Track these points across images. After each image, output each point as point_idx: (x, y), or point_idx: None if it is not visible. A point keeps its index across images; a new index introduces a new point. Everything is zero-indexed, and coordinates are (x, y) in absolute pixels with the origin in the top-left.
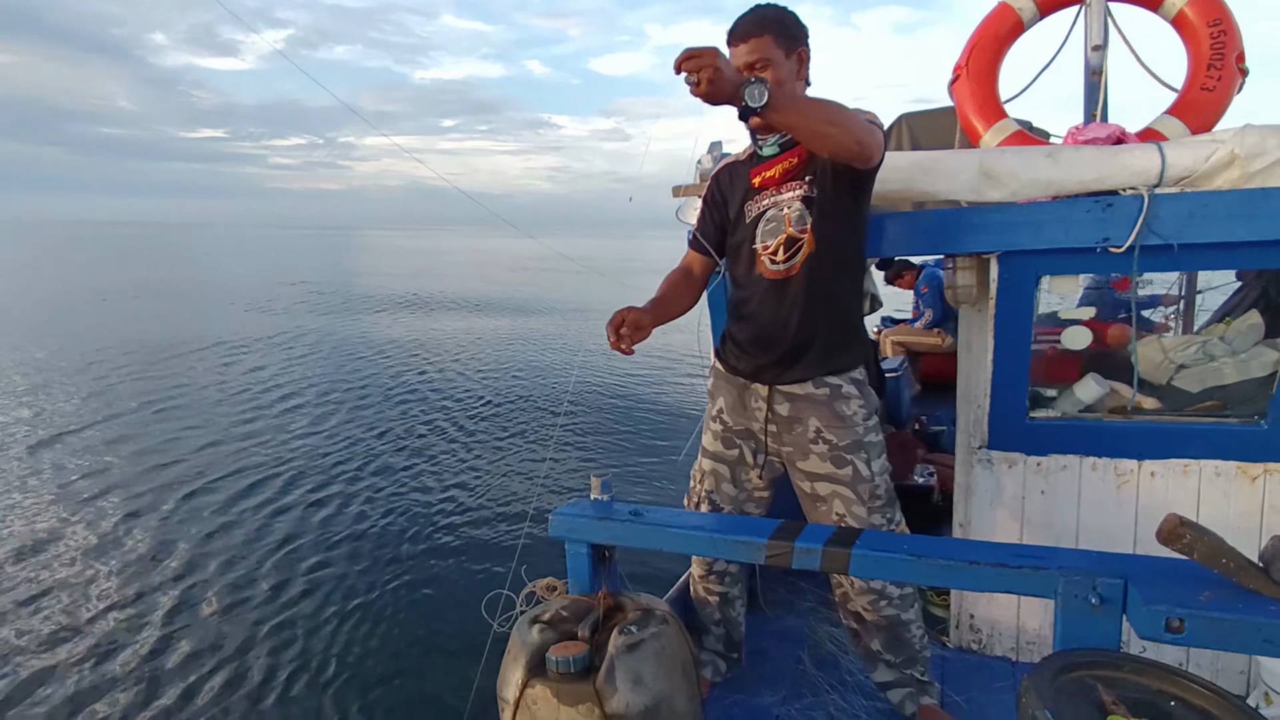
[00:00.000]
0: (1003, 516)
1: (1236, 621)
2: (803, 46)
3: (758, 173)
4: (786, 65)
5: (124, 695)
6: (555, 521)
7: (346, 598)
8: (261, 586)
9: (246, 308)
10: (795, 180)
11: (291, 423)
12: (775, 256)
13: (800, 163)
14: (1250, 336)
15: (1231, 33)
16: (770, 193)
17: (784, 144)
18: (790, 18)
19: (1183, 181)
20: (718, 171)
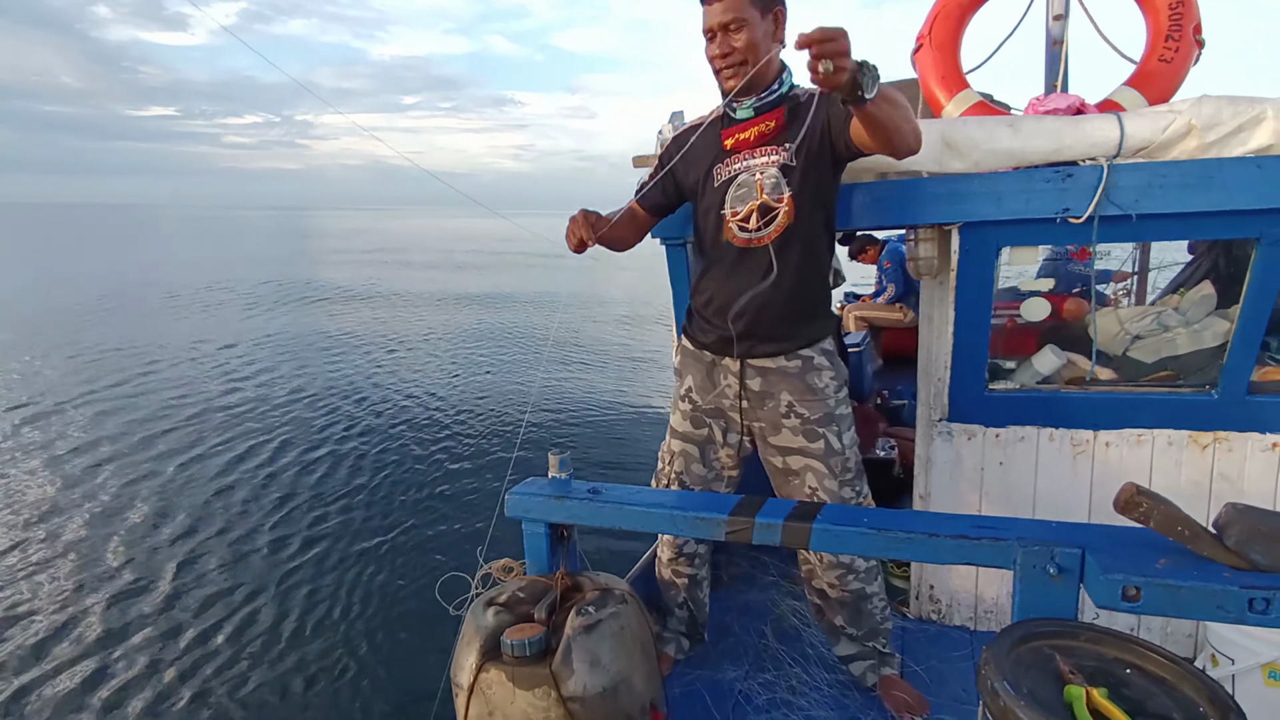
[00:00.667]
0: (962, 488)
1: (1192, 589)
2: (779, 5)
3: (730, 134)
4: (762, 25)
5: (61, 694)
6: (512, 501)
7: (300, 586)
8: (209, 579)
9: (198, 304)
10: (771, 145)
11: (241, 409)
12: (746, 224)
13: (778, 127)
14: (1203, 307)
15: (1189, 4)
16: (743, 156)
17: (759, 107)
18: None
19: (1141, 152)
20: (679, 134)
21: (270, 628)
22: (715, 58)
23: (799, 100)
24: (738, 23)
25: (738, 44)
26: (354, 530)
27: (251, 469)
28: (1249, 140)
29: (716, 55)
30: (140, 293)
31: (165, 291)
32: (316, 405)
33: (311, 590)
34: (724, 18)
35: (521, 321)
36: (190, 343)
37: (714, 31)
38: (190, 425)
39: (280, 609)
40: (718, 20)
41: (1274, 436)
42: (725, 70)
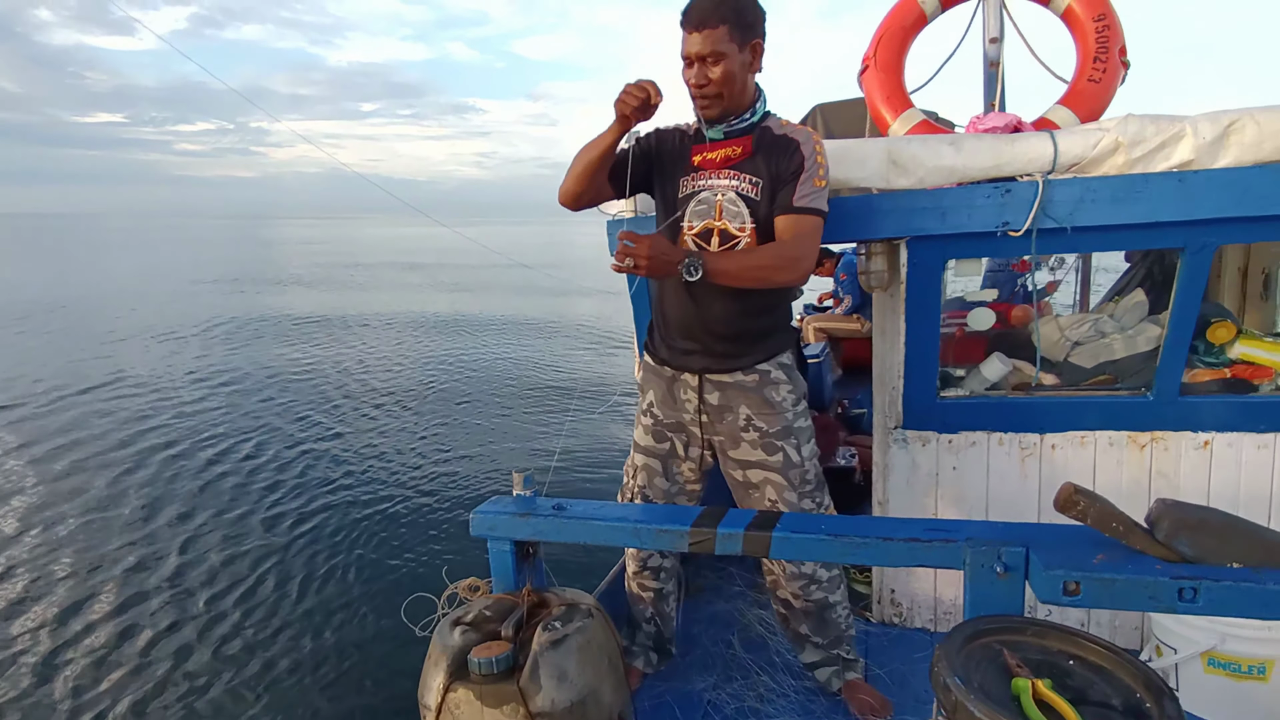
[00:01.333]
0: (918, 493)
1: (1126, 581)
2: (758, 37)
3: (699, 151)
4: (739, 58)
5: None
6: (476, 520)
7: (262, 611)
8: (168, 605)
9: (150, 328)
10: (735, 170)
11: (200, 426)
12: (706, 245)
13: (744, 154)
14: (1136, 314)
15: (1114, 28)
16: (707, 175)
17: (729, 132)
18: (749, 5)
19: (1074, 168)
20: (664, 130)
21: (232, 655)
22: (692, 85)
23: (772, 132)
24: (716, 56)
25: (714, 76)
26: (317, 554)
27: (208, 493)
28: (1171, 156)
29: (693, 84)
30: (80, 305)
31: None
32: (274, 426)
33: (274, 616)
34: (703, 49)
35: (481, 340)
36: (140, 356)
37: (692, 60)
38: (144, 444)
39: (242, 635)
40: (696, 51)
41: (1205, 435)
42: (701, 100)
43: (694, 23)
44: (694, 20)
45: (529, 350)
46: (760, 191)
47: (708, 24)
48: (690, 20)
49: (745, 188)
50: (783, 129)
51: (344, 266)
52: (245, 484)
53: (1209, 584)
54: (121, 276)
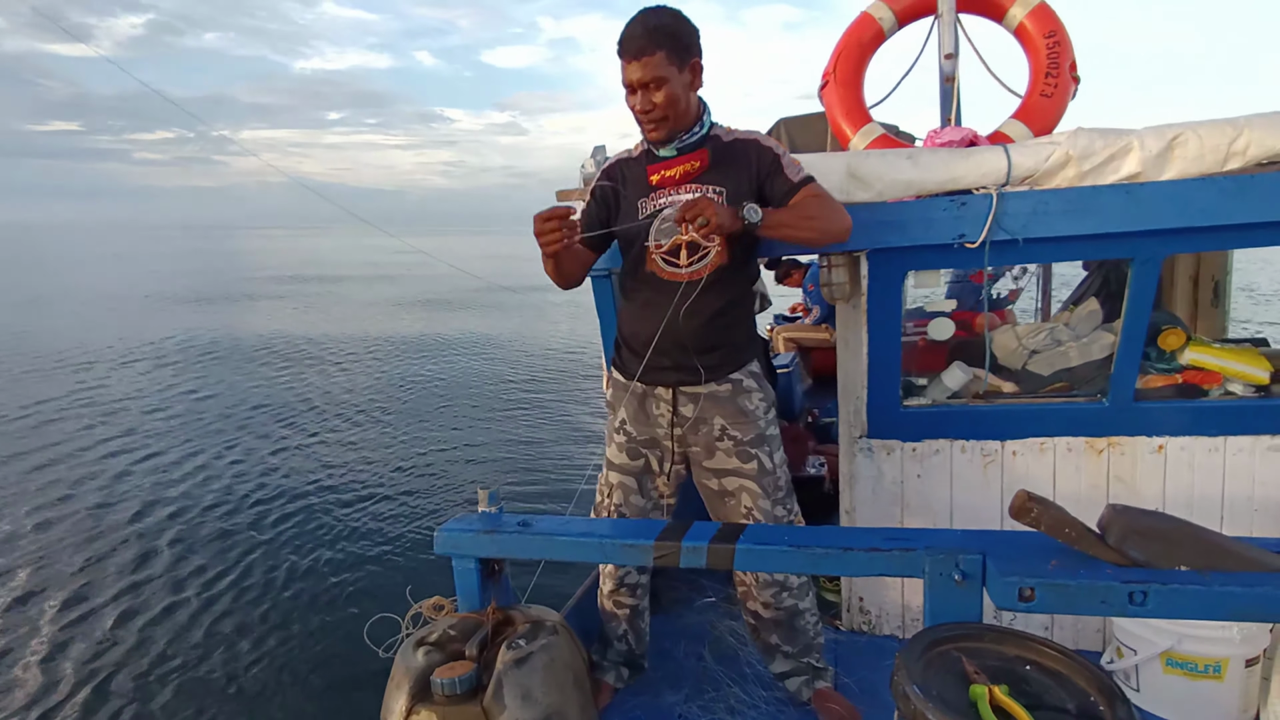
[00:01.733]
0: (884, 501)
1: (1079, 586)
2: (695, 57)
3: (656, 170)
4: (679, 80)
5: None
6: (441, 538)
7: (222, 634)
8: (122, 623)
9: (103, 344)
10: (697, 183)
11: (157, 446)
12: (674, 258)
13: (703, 167)
14: (1090, 322)
15: (1065, 44)
16: (668, 192)
17: (682, 148)
18: (683, 28)
19: (1027, 180)
20: (609, 166)
21: (189, 679)
22: (637, 111)
23: (721, 141)
24: (657, 81)
25: (658, 100)
26: (276, 574)
27: (162, 514)
28: (1120, 169)
29: (638, 110)
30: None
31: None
32: (231, 444)
33: (232, 638)
34: (644, 76)
35: (444, 355)
36: (92, 374)
37: (634, 87)
38: (97, 462)
39: (198, 658)
40: (637, 78)
41: (1159, 439)
42: (647, 124)
43: (632, 52)
44: (631, 50)
45: (492, 365)
46: (725, 199)
47: (645, 52)
48: (628, 50)
49: (710, 198)
50: (731, 135)
51: (305, 279)
52: (200, 503)
53: (1158, 587)
54: (77, 290)
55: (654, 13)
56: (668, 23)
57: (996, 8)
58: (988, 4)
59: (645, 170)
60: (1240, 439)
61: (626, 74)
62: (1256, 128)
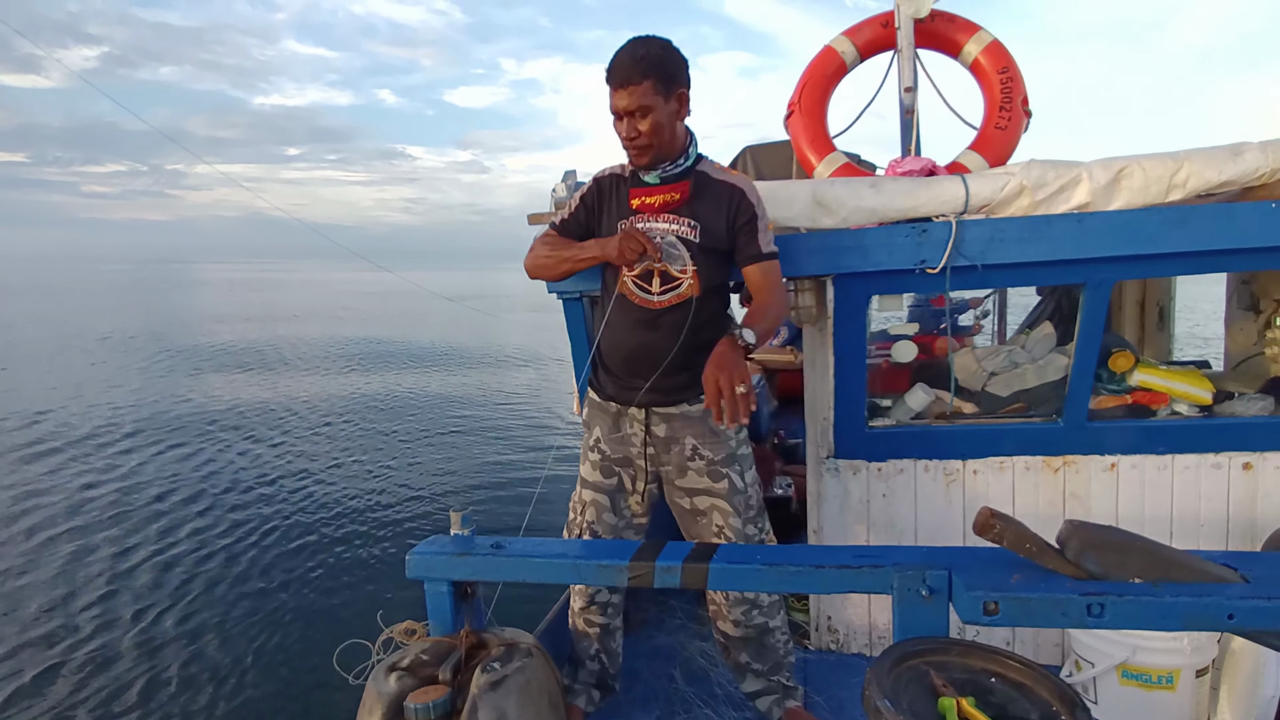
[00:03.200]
0: (851, 520)
1: (1040, 599)
2: (682, 87)
3: (638, 195)
4: (666, 109)
5: None
6: (413, 561)
7: (188, 662)
8: (88, 645)
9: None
10: (675, 214)
11: (120, 474)
12: (646, 285)
13: (683, 199)
14: (1045, 345)
15: (1017, 79)
16: (646, 218)
17: (665, 177)
18: (670, 58)
19: (984, 209)
20: (602, 176)
21: (153, 709)
22: (623, 138)
23: (708, 176)
24: (643, 109)
25: (643, 129)
26: (245, 600)
27: (126, 541)
28: (1071, 198)
29: (624, 137)
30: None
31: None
32: (195, 472)
33: (198, 665)
34: (630, 104)
35: (413, 381)
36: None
37: (620, 114)
38: (60, 491)
39: (164, 686)
40: (624, 106)
41: (1112, 458)
42: (632, 150)
43: (618, 80)
44: (618, 78)
45: (462, 389)
46: (699, 234)
47: (631, 80)
48: (615, 78)
49: (684, 231)
50: (720, 174)
51: (265, 311)
52: (164, 533)
53: (1114, 599)
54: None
55: (643, 42)
56: (655, 52)
57: (953, 44)
58: (945, 40)
59: (629, 192)
60: (1187, 457)
61: (614, 101)
62: (1196, 161)
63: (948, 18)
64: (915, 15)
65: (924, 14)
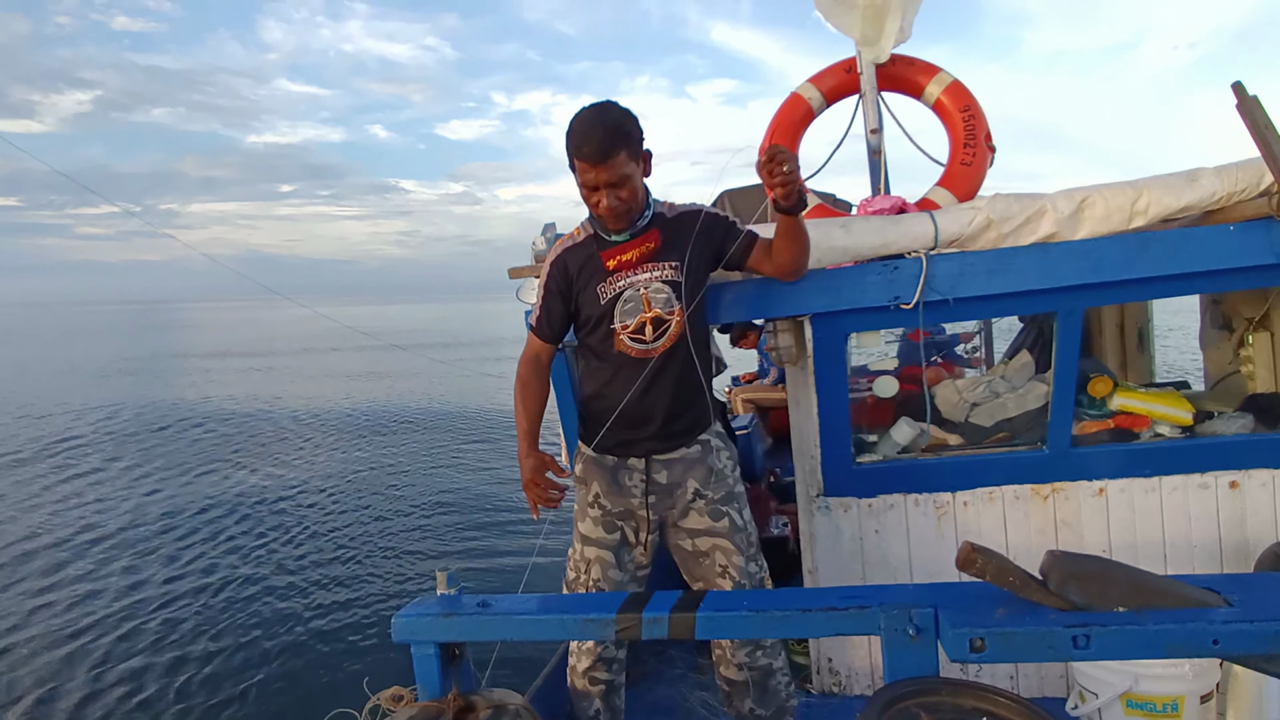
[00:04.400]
0: (844, 558)
1: (1025, 634)
2: (645, 149)
3: (610, 255)
4: (638, 172)
5: None
6: (399, 625)
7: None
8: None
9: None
10: (653, 263)
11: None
12: (640, 336)
13: (657, 248)
14: (1024, 373)
15: (979, 117)
16: (625, 274)
17: (634, 232)
18: (633, 125)
19: (954, 244)
20: (555, 258)
21: None
22: (604, 209)
23: (666, 218)
24: (622, 180)
25: (623, 196)
26: (226, 669)
27: (102, 599)
28: (1037, 230)
29: (605, 207)
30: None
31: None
32: (173, 532)
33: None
34: (611, 178)
35: (395, 436)
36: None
37: (598, 187)
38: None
39: None
40: (604, 179)
41: (1099, 483)
42: (611, 219)
43: (594, 157)
44: (594, 155)
45: (444, 443)
46: (680, 271)
47: (609, 155)
48: (590, 155)
49: (667, 274)
50: (674, 211)
51: (253, 353)
52: (145, 595)
53: (1098, 630)
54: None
55: (603, 111)
56: (620, 121)
57: (914, 85)
58: (907, 83)
59: (598, 255)
60: (1173, 478)
61: (591, 176)
62: (1154, 189)
63: (908, 61)
64: (876, 60)
65: (884, 59)
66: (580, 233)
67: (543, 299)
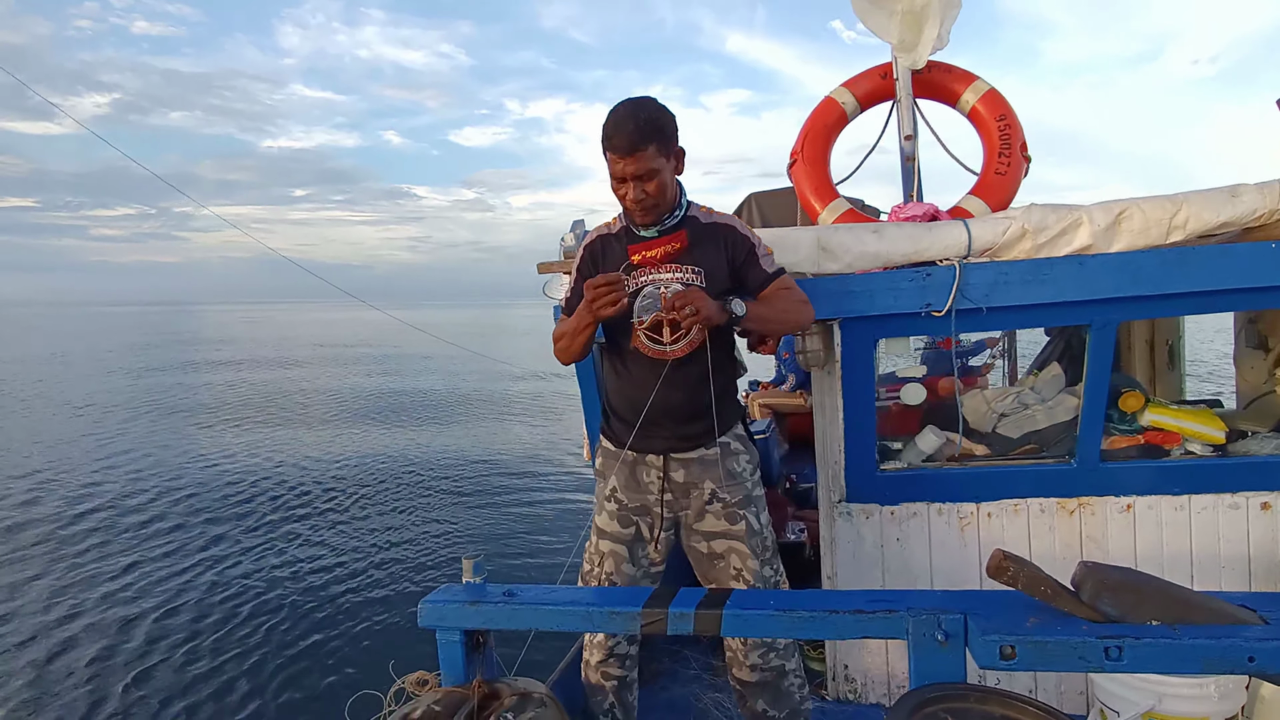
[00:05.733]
0: (865, 565)
1: (1057, 643)
2: (678, 145)
3: (636, 250)
4: (668, 168)
5: None
6: (425, 610)
7: (197, 714)
8: (88, 689)
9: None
10: (677, 263)
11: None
12: (657, 336)
13: (683, 248)
14: (1054, 386)
15: (1015, 126)
16: (648, 271)
17: (663, 230)
18: (667, 119)
19: (987, 252)
20: (590, 242)
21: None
22: (630, 201)
23: (699, 222)
24: (650, 173)
25: (650, 191)
26: (255, 653)
27: (133, 590)
28: (1072, 241)
29: (631, 199)
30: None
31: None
32: (201, 520)
33: (208, 716)
34: (638, 170)
35: (422, 426)
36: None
37: (626, 178)
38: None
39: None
40: (632, 172)
41: (1127, 499)
42: (639, 212)
43: (624, 149)
44: (624, 146)
45: (471, 435)
46: (705, 279)
47: (638, 147)
48: (619, 147)
49: (689, 278)
50: (710, 217)
51: (273, 353)
52: (173, 580)
53: (1131, 642)
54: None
55: (639, 105)
56: (655, 116)
57: (950, 93)
58: (942, 90)
59: (626, 249)
60: (1203, 497)
61: (620, 168)
62: (1194, 203)
63: (945, 68)
64: (912, 67)
65: (921, 65)
66: (616, 223)
67: (574, 280)
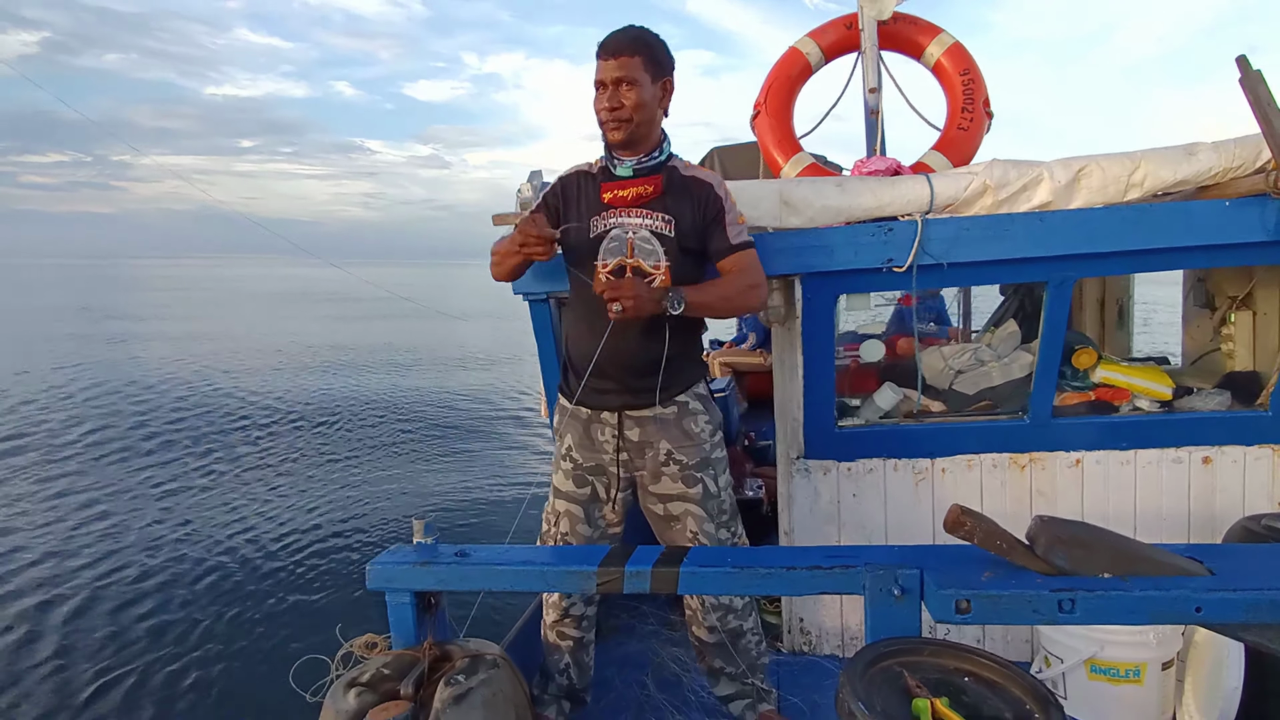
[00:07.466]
0: (822, 521)
1: (1011, 596)
2: (668, 77)
3: (610, 189)
4: (651, 89)
5: None
6: (374, 571)
7: (133, 679)
8: (32, 661)
9: None
10: (647, 209)
11: (62, 483)
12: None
13: (655, 192)
14: (1010, 343)
15: (978, 81)
16: (618, 213)
17: (639, 169)
18: (661, 46)
19: (948, 208)
20: (566, 177)
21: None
22: (603, 109)
23: (678, 172)
24: (630, 81)
25: (627, 101)
26: (193, 616)
27: (66, 552)
28: (1033, 197)
29: (605, 107)
30: None
31: None
32: (146, 481)
33: (146, 686)
34: (618, 74)
35: (369, 381)
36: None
37: (606, 85)
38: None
39: (111, 703)
40: (612, 75)
41: (1076, 454)
42: (611, 123)
43: (610, 51)
44: (611, 49)
45: (418, 393)
46: (673, 229)
47: (624, 52)
48: (607, 49)
49: (659, 225)
50: (689, 171)
51: (214, 306)
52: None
53: (1084, 594)
54: None
55: (639, 27)
56: (650, 38)
57: (915, 46)
58: (907, 42)
59: (599, 187)
60: (1148, 452)
61: (602, 71)
62: (1152, 161)
63: (910, 20)
64: (878, 17)
65: (886, 16)
66: (596, 164)
67: (537, 205)
